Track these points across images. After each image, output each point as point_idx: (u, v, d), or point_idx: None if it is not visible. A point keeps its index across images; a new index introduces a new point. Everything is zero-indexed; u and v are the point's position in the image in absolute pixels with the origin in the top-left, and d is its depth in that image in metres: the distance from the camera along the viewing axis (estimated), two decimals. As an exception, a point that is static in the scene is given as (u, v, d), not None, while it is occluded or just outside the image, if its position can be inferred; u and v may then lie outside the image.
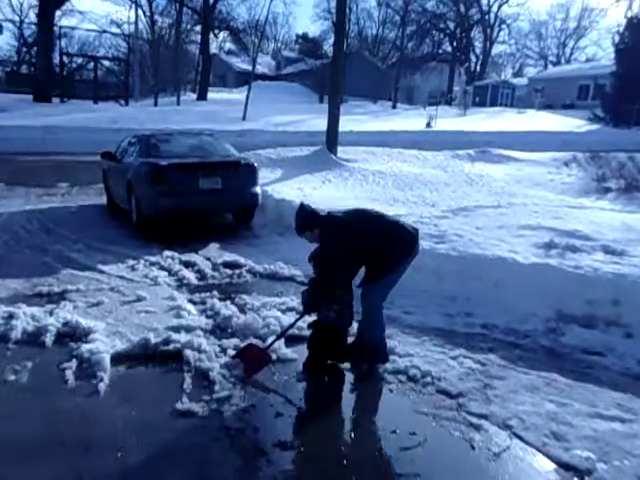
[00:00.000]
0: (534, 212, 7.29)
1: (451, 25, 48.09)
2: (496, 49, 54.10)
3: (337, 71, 13.12)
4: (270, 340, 4.02)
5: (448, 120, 26.77)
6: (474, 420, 3.24)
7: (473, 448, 2.99)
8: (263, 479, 2.75)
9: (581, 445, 2.98)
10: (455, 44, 48.50)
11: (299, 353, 3.99)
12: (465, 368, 3.88)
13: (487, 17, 49.16)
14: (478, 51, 52.23)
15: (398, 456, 2.93)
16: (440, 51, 48.35)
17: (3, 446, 2.92)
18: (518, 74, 58.08)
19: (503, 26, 50.42)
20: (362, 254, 3.70)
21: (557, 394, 3.52)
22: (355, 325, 4.02)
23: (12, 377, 3.62)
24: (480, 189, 10.35)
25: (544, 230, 6.16)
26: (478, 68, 51.61)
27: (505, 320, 4.70)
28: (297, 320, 3.99)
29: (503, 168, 12.75)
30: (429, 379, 3.70)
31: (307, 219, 3.76)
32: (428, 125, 24.50)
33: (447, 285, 5.29)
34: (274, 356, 3.91)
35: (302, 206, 3.83)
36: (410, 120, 26.69)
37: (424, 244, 5.80)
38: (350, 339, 4.02)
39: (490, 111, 34.73)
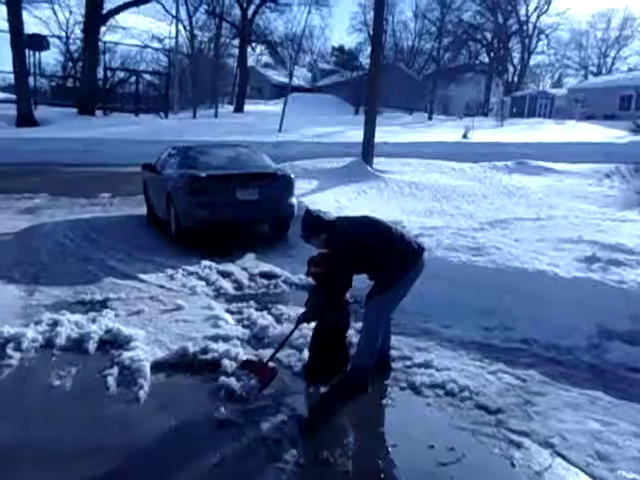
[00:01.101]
0: (575, 225, 7.14)
1: (488, 36, 47.64)
2: (534, 59, 53.45)
3: (373, 83, 13.15)
4: (270, 353, 3.95)
5: (485, 131, 26.46)
6: (514, 437, 3.17)
7: (513, 466, 2.93)
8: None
9: (626, 466, 2.89)
10: (492, 55, 48.03)
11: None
12: (504, 383, 3.81)
13: (525, 27, 48.59)
14: (516, 61, 51.62)
15: (436, 471, 2.89)
16: (477, 62, 47.95)
17: (47, 449, 3.00)
18: (557, 84, 57.11)
19: (542, 36, 49.77)
20: (366, 261, 3.69)
21: (601, 412, 3.43)
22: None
23: (57, 382, 3.73)
24: (518, 201, 10.18)
25: (585, 243, 6.02)
26: (516, 79, 50.96)
27: (545, 335, 4.59)
28: (294, 330, 3.95)
29: (542, 180, 12.52)
30: (467, 394, 3.65)
31: (313, 225, 3.74)
32: (465, 136, 24.24)
33: (485, 298, 5.21)
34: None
35: (308, 212, 3.81)
36: (446, 131, 26.47)
37: (462, 256, 5.79)
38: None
39: (528, 122, 34.17)
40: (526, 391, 3.71)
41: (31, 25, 35.91)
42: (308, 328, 4.05)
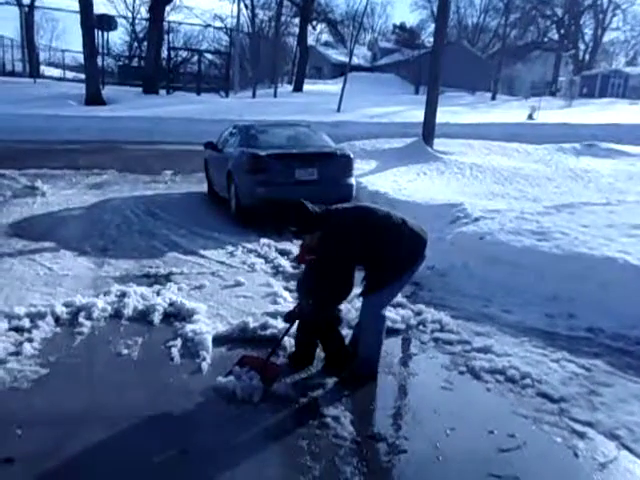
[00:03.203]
0: (648, 211, 6.79)
1: (559, 11, 45.44)
2: (608, 36, 50.46)
3: (436, 61, 12.83)
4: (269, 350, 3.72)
5: (552, 112, 25.44)
6: (578, 427, 3.08)
7: (576, 456, 2.85)
8: (357, 470, 2.77)
9: (699, 463, 2.76)
10: (562, 32, 45.83)
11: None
12: (568, 372, 3.70)
13: (600, 2, 45.99)
14: (587, 38, 49.07)
15: (495, 457, 2.85)
16: (545, 39, 45.93)
17: (115, 414, 3.15)
18: (632, 63, 53.95)
19: (617, 11, 46.92)
20: (364, 256, 3.46)
21: (671, 406, 3.28)
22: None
23: (125, 351, 3.90)
24: (586, 185, 9.77)
25: (660, 230, 5.72)
26: (587, 57, 48.47)
27: (612, 324, 4.41)
28: (289, 329, 3.75)
29: (612, 163, 11.94)
30: (529, 381, 3.56)
31: (309, 221, 3.39)
32: (530, 117, 23.39)
33: (549, 285, 5.05)
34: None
35: (303, 205, 3.40)
36: (510, 112, 25.63)
37: (525, 241, 5.63)
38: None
39: (599, 102, 32.60)
40: (591, 381, 3.59)
41: (100, 5, 37.13)
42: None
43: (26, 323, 4.15)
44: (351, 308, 4.37)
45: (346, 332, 4.02)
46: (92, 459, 2.81)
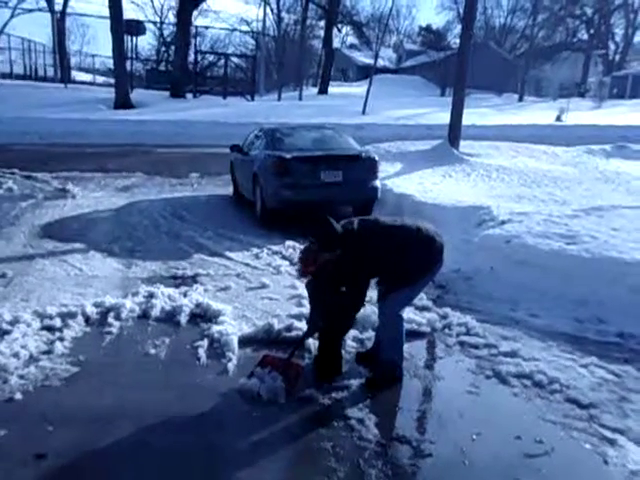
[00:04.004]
0: (681, 214, 6.63)
1: (588, 11, 44.61)
2: (639, 36, 49.44)
3: (462, 63, 12.73)
4: (289, 350, 3.72)
5: (581, 113, 25.01)
6: (608, 434, 3.03)
7: (606, 463, 2.80)
8: (381, 473, 2.77)
9: None
10: (592, 31, 45.02)
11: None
12: (597, 378, 3.64)
13: (631, 1, 45.03)
14: (618, 39, 48.10)
15: (522, 462, 2.82)
16: (574, 39, 45.17)
17: (142, 412, 3.20)
18: (664, 62, 52.71)
19: (649, 10, 45.93)
20: (382, 270, 3.50)
21: None
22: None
23: (153, 351, 3.96)
24: (616, 188, 9.56)
25: (693, 234, 5.58)
26: (617, 57, 47.51)
27: (644, 330, 4.33)
28: (309, 334, 3.76)
29: (644, 165, 11.69)
30: (557, 386, 3.51)
31: (332, 238, 3.35)
32: (558, 119, 23.02)
33: (578, 289, 4.96)
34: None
35: (328, 222, 3.37)
36: (538, 113, 25.26)
37: (553, 244, 5.55)
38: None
39: (630, 103, 31.89)
40: (621, 387, 3.52)
41: (130, 11, 37.78)
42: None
43: (57, 322, 4.25)
44: (376, 310, 4.36)
45: (370, 334, 4.03)
46: (120, 456, 2.86)
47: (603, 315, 4.60)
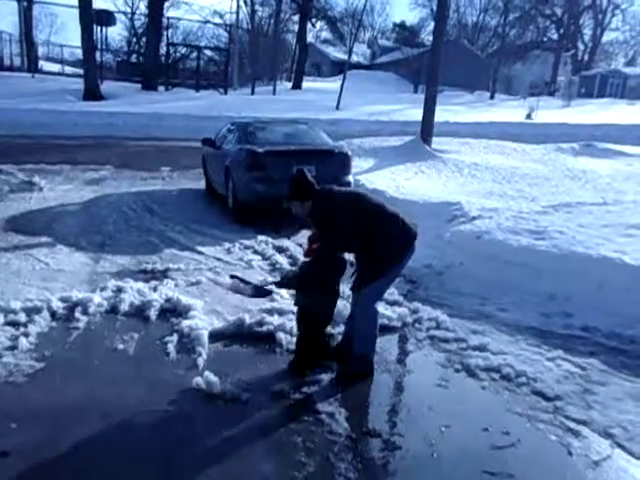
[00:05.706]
0: (645, 211, 6.79)
1: (558, 11, 45.37)
2: (607, 36, 50.41)
3: (435, 60, 12.83)
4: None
5: (550, 112, 25.45)
6: (572, 425, 3.10)
7: (570, 454, 2.87)
8: (351, 466, 2.78)
9: (692, 462, 2.77)
10: (562, 31, 45.80)
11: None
12: (563, 371, 3.72)
13: (599, 2, 45.97)
14: (587, 38, 49.05)
15: (490, 454, 2.86)
16: (544, 39, 45.88)
17: (109, 408, 3.15)
18: (631, 63, 53.93)
19: (617, 11, 46.92)
20: (357, 236, 3.45)
21: (666, 405, 3.29)
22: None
23: (121, 346, 3.90)
24: (584, 185, 9.78)
25: (656, 230, 5.72)
26: (586, 57, 48.47)
27: (608, 324, 4.42)
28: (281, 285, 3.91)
29: (610, 163, 11.95)
30: (524, 379, 3.57)
31: (304, 188, 3.51)
32: (528, 117, 23.39)
33: (545, 284, 5.06)
34: None
35: (302, 172, 3.58)
36: (509, 111, 25.62)
37: (522, 240, 5.64)
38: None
39: (597, 102, 32.62)
40: (586, 380, 3.60)
41: (100, 1, 37.02)
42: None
43: (22, 317, 4.14)
44: (347, 304, 4.36)
45: (341, 329, 4.04)
46: (86, 453, 2.81)
47: (570, 309, 4.70)
